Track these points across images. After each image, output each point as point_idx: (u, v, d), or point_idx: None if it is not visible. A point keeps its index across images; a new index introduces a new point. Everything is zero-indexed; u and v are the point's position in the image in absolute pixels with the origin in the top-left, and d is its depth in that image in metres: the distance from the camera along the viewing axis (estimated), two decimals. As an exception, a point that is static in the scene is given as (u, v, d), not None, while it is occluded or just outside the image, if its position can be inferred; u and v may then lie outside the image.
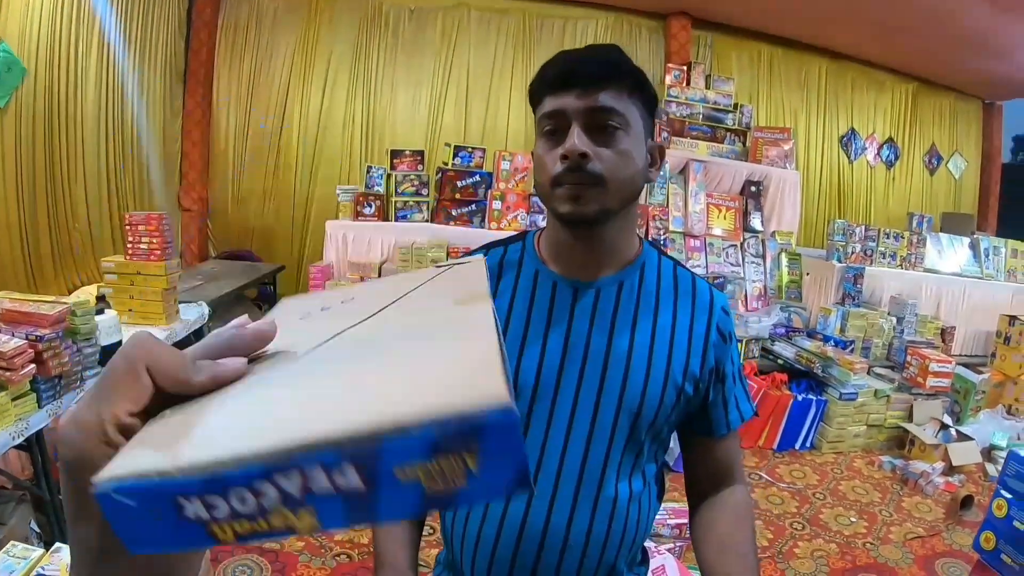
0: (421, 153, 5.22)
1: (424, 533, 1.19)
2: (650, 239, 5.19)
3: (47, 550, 1.43)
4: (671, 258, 1.13)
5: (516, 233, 1.16)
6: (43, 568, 1.37)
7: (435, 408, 0.28)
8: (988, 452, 4.72)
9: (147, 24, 5.41)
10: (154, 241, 3.35)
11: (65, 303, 2.50)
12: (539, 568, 0.98)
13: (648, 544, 1.38)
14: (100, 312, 2.78)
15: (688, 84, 6.06)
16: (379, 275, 4.64)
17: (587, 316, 1.01)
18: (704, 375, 1.05)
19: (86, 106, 4.86)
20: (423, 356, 0.36)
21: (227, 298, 4.51)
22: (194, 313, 3.73)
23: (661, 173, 5.46)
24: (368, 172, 5.12)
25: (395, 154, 5.18)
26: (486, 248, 1.13)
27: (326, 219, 5.12)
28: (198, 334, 3.87)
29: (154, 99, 5.63)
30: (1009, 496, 1.30)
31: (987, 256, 6.33)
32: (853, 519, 3.87)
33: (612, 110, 0.94)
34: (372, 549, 1.09)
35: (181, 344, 3.66)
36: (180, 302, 3.66)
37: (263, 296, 5.67)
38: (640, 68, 1.00)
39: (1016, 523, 1.26)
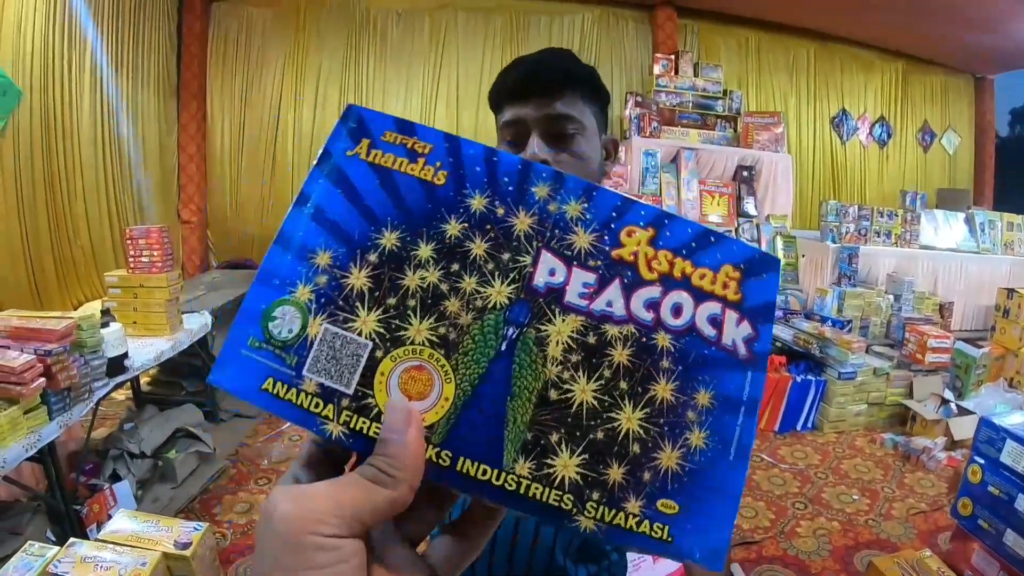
0: (413, 154, 5.28)
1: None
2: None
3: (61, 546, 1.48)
4: None
5: None
6: (56, 564, 1.42)
7: None
8: (990, 425, 4.76)
9: (138, 40, 5.46)
10: (155, 254, 3.41)
11: (71, 318, 2.55)
12: (519, 530, 1.04)
13: None
14: (105, 325, 2.83)
15: (676, 73, 6.11)
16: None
17: None
18: None
19: (81, 124, 4.92)
20: None
21: (229, 306, 4.58)
22: (197, 322, 3.79)
23: (655, 162, 5.54)
24: (360, 175, 5.18)
25: (387, 155, 5.25)
26: None
27: (323, 223, 5.18)
28: (202, 343, 3.94)
29: (148, 114, 5.69)
30: (982, 462, 1.32)
31: (983, 230, 6.33)
32: (855, 497, 3.89)
33: (568, 117, 0.99)
34: None
35: (187, 352, 3.73)
36: (183, 312, 3.72)
37: (267, 304, 5.72)
38: (592, 69, 1.05)
39: (991, 488, 1.28)
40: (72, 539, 1.52)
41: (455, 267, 0.38)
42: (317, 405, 0.36)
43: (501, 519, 0.39)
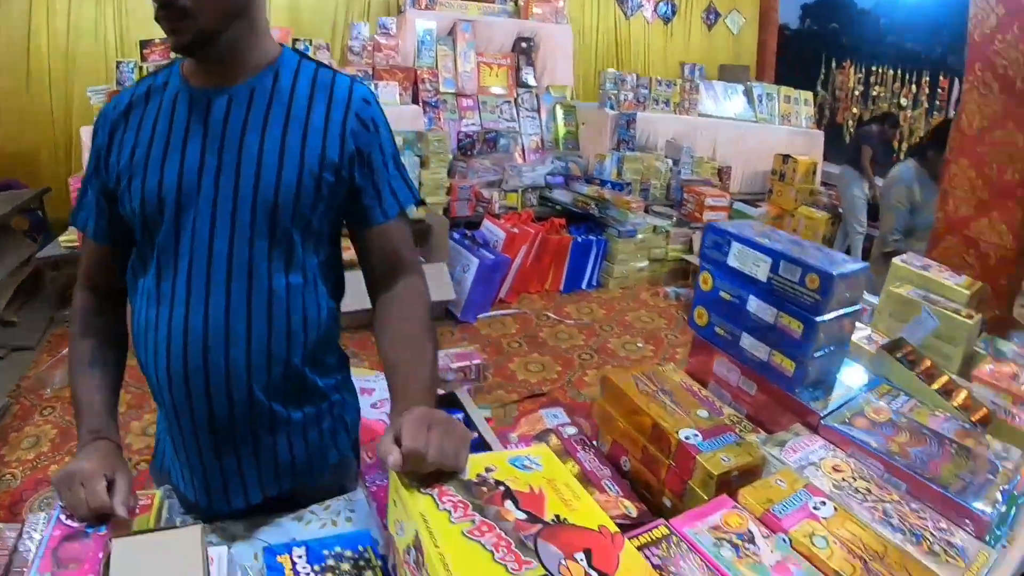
0: (173, 39, 4.91)
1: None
2: (421, 101, 5.23)
3: None
4: (315, 61, 1.14)
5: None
6: None
7: None
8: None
9: None
10: None
11: None
12: (209, 367, 1.01)
13: None
14: None
15: (454, -56, 5.96)
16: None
17: (220, 123, 1.03)
18: (344, 163, 1.07)
19: None
20: None
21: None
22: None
23: (431, 36, 5.41)
24: (118, 68, 4.78)
25: (144, 44, 4.85)
26: (140, 81, 1.12)
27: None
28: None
29: None
30: (710, 267, 1.34)
31: (761, 102, 6.74)
32: (640, 344, 4.16)
33: None
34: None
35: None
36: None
37: (36, 225, 5.23)
38: None
39: (722, 293, 1.31)
40: None
41: None
42: None
43: None
